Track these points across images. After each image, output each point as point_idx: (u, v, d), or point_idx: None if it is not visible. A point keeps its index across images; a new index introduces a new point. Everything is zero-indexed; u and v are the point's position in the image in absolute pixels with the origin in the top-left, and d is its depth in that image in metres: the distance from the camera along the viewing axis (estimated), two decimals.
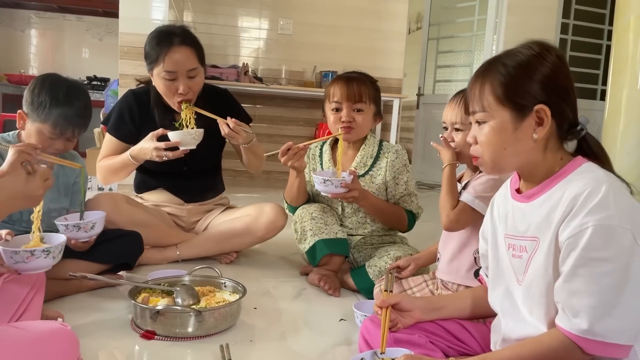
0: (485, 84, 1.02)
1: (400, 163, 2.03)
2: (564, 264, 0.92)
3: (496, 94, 1.00)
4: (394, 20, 4.87)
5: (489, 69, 1.03)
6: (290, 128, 4.83)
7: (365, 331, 1.25)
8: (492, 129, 1.02)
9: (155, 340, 1.46)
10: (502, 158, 1.03)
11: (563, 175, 0.99)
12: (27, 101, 1.67)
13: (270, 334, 1.57)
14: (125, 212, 2.06)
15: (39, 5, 5.90)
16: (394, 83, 4.88)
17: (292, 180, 2.05)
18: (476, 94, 1.04)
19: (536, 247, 0.99)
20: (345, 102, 1.98)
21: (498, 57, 1.04)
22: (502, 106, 1.00)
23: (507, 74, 1.00)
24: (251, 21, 4.77)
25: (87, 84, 5.73)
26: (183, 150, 1.96)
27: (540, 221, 0.99)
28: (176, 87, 2.00)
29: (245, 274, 2.08)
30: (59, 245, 1.37)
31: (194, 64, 2.01)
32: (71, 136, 1.70)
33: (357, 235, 2.07)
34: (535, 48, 1.01)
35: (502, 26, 5.08)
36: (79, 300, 1.74)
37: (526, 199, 1.04)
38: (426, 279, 1.70)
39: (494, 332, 1.15)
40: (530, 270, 1.00)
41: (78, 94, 1.71)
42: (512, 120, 1.00)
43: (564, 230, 0.92)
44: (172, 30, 2.03)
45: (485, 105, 1.02)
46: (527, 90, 0.98)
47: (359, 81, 2.00)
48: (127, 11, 3.46)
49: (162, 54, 1.96)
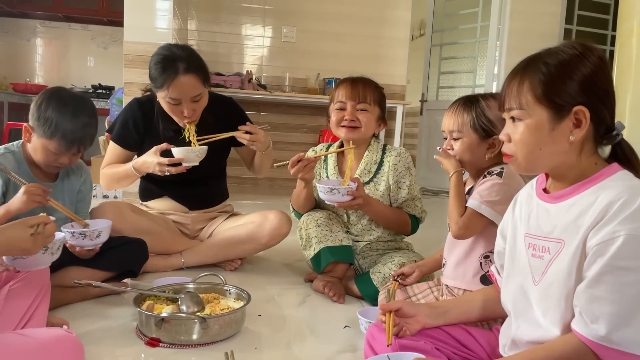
0: (524, 81, 1.00)
1: (403, 166, 2.02)
2: (589, 270, 0.91)
3: (535, 92, 0.98)
4: (397, 27, 4.89)
5: (529, 66, 1.01)
6: (294, 135, 4.85)
7: (371, 337, 1.24)
8: (528, 127, 1.00)
9: (160, 347, 1.45)
10: (536, 158, 1.01)
11: (596, 180, 0.97)
12: (34, 116, 1.67)
13: (275, 341, 1.57)
14: (129, 220, 2.06)
15: (44, 14, 5.94)
16: (397, 89, 4.90)
17: (300, 189, 2.05)
18: (514, 91, 1.01)
19: (560, 249, 0.98)
20: (350, 101, 1.98)
21: (539, 55, 1.01)
22: (541, 105, 0.98)
23: (548, 72, 0.98)
24: (255, 29, 4.79)
25: (92, 92, 5.77)
26: (186, 166, 1.97)
27: (568, 224, 0.97)
28: (181, 110, 2.01)
29: (249, 281, 2.08)
30: (57, 242, 1.35)
31: (198, 90, 2.01)
32: (77, 152, 1.71)
33: (363, 242, 2.07)
34: (578, 48, 0.99)
35: (505, 32, 5.09)
36: (84, 307, 1.74)
37: (554, 200, 1.03)
38: (431, 285, 1.69)
39: (502, 335, 1.14)
40: (551, 272, 0.99)
41: (84, 110, 1.71)
42: (550, 120, 0.98)
43: (594, 236, 0.91)
44: (177, 55, 1.98)
45: (523, 102, 1.00)
46: (567, 90, 0.96)
47: (364, 83, 2.02)
48: (132, 20, 3.48)
49: (167, 81, 1.96)
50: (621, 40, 3.31)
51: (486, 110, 1.50)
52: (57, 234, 1.38)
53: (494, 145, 1.50)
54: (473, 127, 1.50)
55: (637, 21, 3.18)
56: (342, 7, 4.78)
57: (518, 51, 5.12)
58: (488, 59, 5.26)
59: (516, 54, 4.99)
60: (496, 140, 1.49)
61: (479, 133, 1.50)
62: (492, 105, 1.51)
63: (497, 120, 1.49)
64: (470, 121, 1.51)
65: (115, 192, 3.70)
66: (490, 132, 1.50)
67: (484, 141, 1.51)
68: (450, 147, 1.56)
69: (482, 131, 1.50)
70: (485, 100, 1.52)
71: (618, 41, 3.36)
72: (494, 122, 1.49)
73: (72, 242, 1.64)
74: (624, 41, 3.26)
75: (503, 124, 1.51)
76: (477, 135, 1.51)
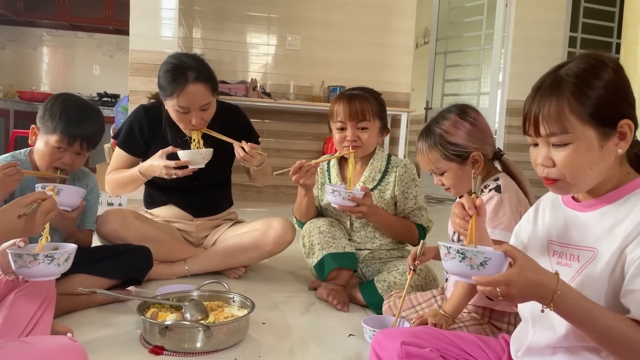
0: (562, 104, 0.95)
1: (409, 177, 2.03)
2: (635, 282, 0.89)
3: (578, 113, 0.94)
4: (401, 35, 4.91)
5: (560, 86, 0.97)
6: (298, 142, 4.85)
7: (377, 346, 1.23)
8: (577, 150, 0.95)
9: (164, 355, 1.45)
10: (586, 178, 0.98)
11: (631, 188, 0.97)
12: (40, 115, 1.71)
13: (279, 349, 1.56)
14: (134, 227, 2.06)
15: (51, 23, 5.99)
16: (401, 97, 4.90)
17: (301, 198, 2.06)
18: (552, 115, 0.96)
19: (592, 258, 0.96)
20: (349, 121, 1.96)
21: (561, 74, 0.98)
22: (587, 125, 0.95)
23: (586, 90, 0.95)
24: (259, 37, 4.82)
25: (98, 100, 5.80)
26: (192, 169, 1.97)
27: (602, 233, 0.96)
28: (189, 118, 2.01)
29: (253, 289, 2.07)
30: (64, 253, 1.29)
31: (207, 99, 2.01)
32: (79, 149, 1.72)
33: (365, 250, 2.07)
34: (595, 60, 0.97)
35: (510, 40, 5.10)
36: (88, 315, 1.74)
37: (585, 208, 1.01)
38: (435, 294, 1.69)
39: (515, 341, 1.13)
40: (580, 280, 0.97)
41: (90, 110, 1.75)
42: (598, 138, 0.95)
43: (637, 248, 0.89)
44: (187, 64, 1.99)
45: (568, 126, 0.95)
46: (609, 106, 0.95)
47: (362, 99, 1.98)
48: (137, 28, 3.51)
49: (176, 90, 1.96)
50: (626, 47, 3.30)
51: (447, 137, 1.49)
52: (65, 245, 1.36)
53: (477, 161, 1.49)
54: (447, 159, 1.50)
55: None
56: (346, 15, 4.80)
57: (522, 59, 5.16)
58: (492, 66, 5.26)
59: (521, 61, 5.04)
60: (476, 156, 1.48)
61: (456, 160, 1.49)
62: (449, 129, 1.49)
63: (462, 140, 1.48)
64: (442, 155, 1.50)
65: (120, 200, 3.71)
66: (464, 154, 1.49)
67: (465, 164, 1.50)
68: (440, 183, 1.55)
69: (457, 158, 1.49)
70: (440, 128, 1.51)
71: (623, 49, 3.36)
72: (460, 144, 1.48)
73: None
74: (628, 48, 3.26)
75: (469, 140, 1.50)
76: (456, 163, 1.50)
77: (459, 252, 0.93)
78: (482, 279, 0.91)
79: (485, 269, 0.92)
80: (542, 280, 0.90)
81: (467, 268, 0.93)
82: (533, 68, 2.74)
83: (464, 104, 1.58)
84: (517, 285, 0.90)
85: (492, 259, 0.92)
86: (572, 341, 0.98)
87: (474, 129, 1.50)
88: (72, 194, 1.65)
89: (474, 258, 0.92)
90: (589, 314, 0.90)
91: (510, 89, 5.11)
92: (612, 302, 0.94)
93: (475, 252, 0.92)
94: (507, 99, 5.13)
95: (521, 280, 0.89)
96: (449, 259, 0.95)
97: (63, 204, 1.62)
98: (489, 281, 0.91)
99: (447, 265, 0.97)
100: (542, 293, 0.90)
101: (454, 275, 0.97)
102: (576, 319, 0.91)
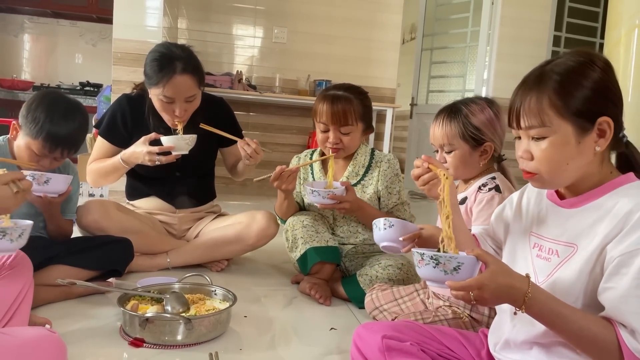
0: (542, 97, 0.97)
1: (392, 172, 2.03)
2: (616, 282, 0.90)
3: (556, 108, 0.96)
4: (388, 31, 4.91)
5: (543, 81, 0.98)
6: (283, 136, 4.83)
7: (358, 339, 1.24)
8: (553, 144, 0.97)
9: (144, 348, 1.44)
10: (563, 173, 0.99)
11: (613, 186, 0.98)
12: (23, 115, 1.67)
13: (260, 343, 1.56)
14: (115, 218, 2.04)
15: (32, 10, 5.87)
16: (387, 93, 4.91)
17: (282, 200, 2.05)
18: (532, 108, 0.98)
19: (572, 254, 0.97)
20: (332, 125, 1.95)
21: (548, 68, 0.99)
22: (565, 120, 0.96)
23: (566, 86, 0.96)
24: (246, 29, 4.78)
25: (80, 89, 5.72)
26: (176, 155, 1.95)
27: (582, 229, 0.97)
28: (172, 109, 2.00)
29: (236, 282, 2.06)
30: (17, 228, 1.25)
31: (193, 91, 2.00)
32: (59, 156, 1.70)
33: (349, 245, 2.07)
34: (584, 57, 0.98)
35: (495, 38, 5.13)
36: (68, 307, 1.72)
37: (567, 204, 1.03)
38: (417, 288, 1.70)
39: (492, 335, 1.14)
40: (559, 275, 0.98)
41: (74, 116, 1.71)
42: (575, 133, 0.96)
43: (617, 246, 0.90)
44: (175, 55, 1.97)
45: (546, 120, 0.97)
46: (589, 102, 0.95)
47: (345, 101, 1.94)
48: (121, 17, 3.45)
49: (162, 80, 1.94)
50: (609, 48, 3.34)
51: (471, 118, 1.50)
52: (21, 221, 1.31)
53: (486, 152, 1.50)
54: (463, 138, 1.50)
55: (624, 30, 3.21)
56: (333, 9, 4.79)
57: (508, 57, 5.20)
58: (478, 64, 5.29)
59: (506, 59, 5.08)
60: (488, 147, 1.49)
61: (470, 143, 1.50)
62: (476, 112, 1.51)
63: (483, 126, 1.49)
64: (460, 132, 1.50)
65: (102, 191, 3.66)
66: (480, 140, 1.50)
67: (475, 150, 1.51)
68: (443, 160, 1.55)
69: (472, 140, 1.50)
70: (467, 108, 1.52)
71: (606, 49, 3.40)
72: (481, 129, 1.50)
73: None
74: (611, 49, 3.30)
75: (489, 129, 1.52)
76: (469, 145, 1.51)
77: (433, 259, 0.94)
78: (455, 284, 0.93)
79: (459, 274, 0.93)
80: (513, 283, 0.92)
81: (442, 274, 0.94)
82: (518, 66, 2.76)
83: (492, 98, 1.61)
84: (489, 289, 0.91)
85: (465, 264, 0.93)
86: (551, 337, 0.99)
87: (497, 120, 1.53)
88: (60, 182, 1.65)
89: (448, 263, 0.93)
90: (560, 315, 0.91)
91: (495, 86, 5.14)
92: (592, 299, 0.95)
93: (449, 257, 0.94)
94: (491, 96, 5.16)
95: (492, 284, 0.91)
96: (423, 266, 0.96)
97: (51, 192, 1.64)
98: (462, 286, 0.92)
99: (421, 271, 0.97)
100: (513, 296, 0.92)
101: (428, 282, 0.98)
102: (547, 320, 0.93)
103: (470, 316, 1.49)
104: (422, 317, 1.49)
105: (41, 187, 1.61)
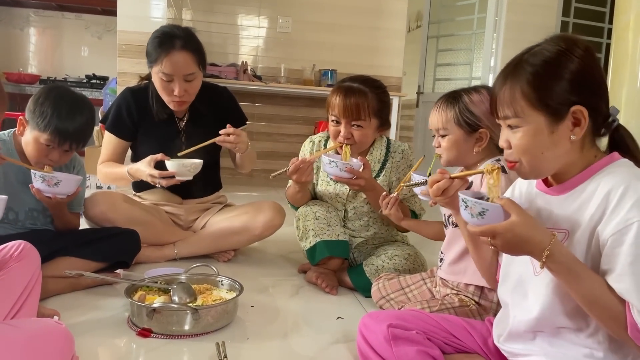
0: (515, 88, 0.98)
1: (405, 164, 2.01)
2: (611, 262, 0.90)
3: (528, 99, 0.96)
4: (393, 19, 4.87)
5: (517, 70, 0.99)
6: (289, 126, 4.82)
7: (364, 328, 1.24)
8: (526, 134, 0.98)
9: (152, 338, 1.45)
10: (541, 162, 0.99)
11: (595, 169, 0.98)
12: (30, 109, 1.68)
13: (267, 332, 1.56)
14: (122, 210, 2.05)
15: (38, 3, 5.88)
16: (393, 81, 4.87)
17: (295, 191, 2.02)
18: (506, 98, 0.99)
19: (565, 239, 0.98)
20: (343, 118, 1.89)
21: (524, 58, 0.99)
22: (536, 110, 0.96)
23: (538, 76, 0.96)
24: (250, 19, 4.76)
25: (86, 82, 5.73)
26: (178, 180, 1.96)
27: (571, 214, 0.98)
28: (172, 88, 2.01)
29: (242, 272, 2.07)
30: None
31: (191, 69, 2.01)
32: (68, 149, 1.70)
33: (359, 237, 2.06)
34: (562, 44, 0.97)
35: (502, 24, 5.07)
36: (76, 298, 1.73)
37: (556, 193, 1.03)
38: (424, 277, 1.70)
39: (497, 326, 1.15)
40: None
41: (82, 110, 1.71)
42: (548, 124, 0.96)
43: (606, 227, 0.91)
44: (175, 32, 2.03)
45: (518, 110, 0.97)
46: (561, 91, 0.95)
47: (359, 95, 1.87)
48: (126, 9, 3.45)
49: (161, 55, 1.98)
50: (617, 33, 3.30)
51: (470, 105, 1.49)
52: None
53: (481, 139, 1.49)
54: (457, 123, 1.50)
55: (634, 14, 3.17)
56: None
57: (515, 43, 5.12)
58: (485, 51, 5.24)
59: (513, 46, 5.01)
60: (483, 133, 1.48)
61: (464, 128, 1.49)
62: (476, 100, 1.50)
63: (482, 115, 1.48)
64: (454, 117, 1.50)
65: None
66: (475, 127, 1.49)
67: (470, 136, 1.50)
68: (438, 144, 1.55)
69: (467, 126, 1.49)
70: (468, 95, 1.51)
71: (614, 34, 3.35)
72: (479, 116, 1.48)
73: (36, 185, 1.63)
74: (620, 34, 3.25)
75: (489, 117, 1.51)
76: (463, 130, 1.50)
77: (463, 201, 1.02)
78: (473, 227, 1.00)
79: (484, 219, 0.99)
80: (532, 238, 0.93)
81: (469, 216, 1.01)
82: None
83: None
84: (504, 238, 0.95)
85: (490, 210, 0.98)
86: (548, 323, 0.99)
87: None
88: (71, 184, 1.67)
89: (474, 207, 1.00)
90: (577, 278, 0.92)
91: None
92: None
93: (474, 202, 1.00)
94: None
95: (508, 234, 0.94)
96: (461, 208, 1.04)
97: (61, 193, 1.66)
98: (480, 231, 0.98)
99: (461, 213, 1.04)
100: (530, 249, 0.94)
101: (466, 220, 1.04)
102: (564, 279, 0.94)
103: (478, 303, 1.48)
104: (428, 305, 1.48)
105: (51, 188, 1.63)
